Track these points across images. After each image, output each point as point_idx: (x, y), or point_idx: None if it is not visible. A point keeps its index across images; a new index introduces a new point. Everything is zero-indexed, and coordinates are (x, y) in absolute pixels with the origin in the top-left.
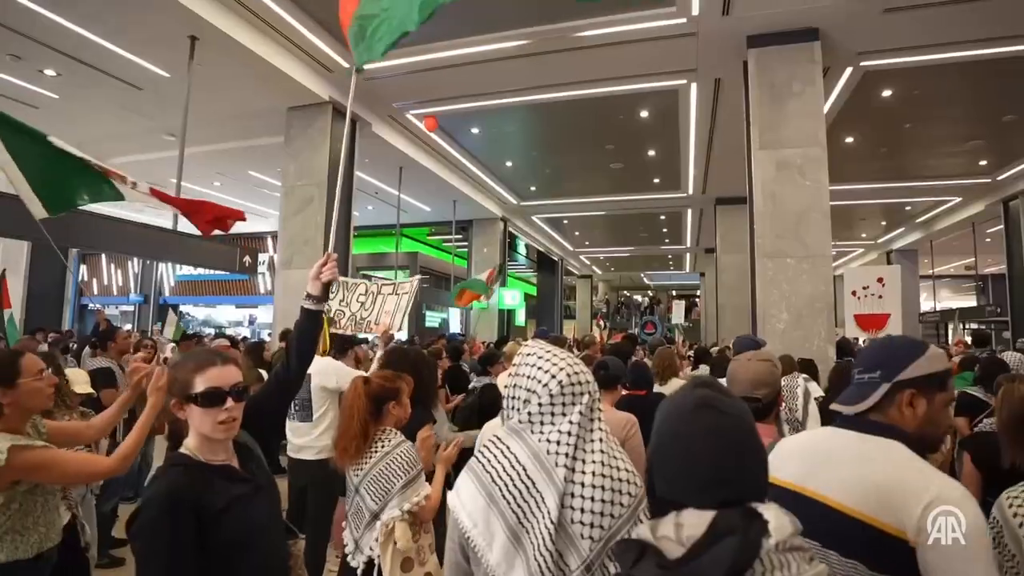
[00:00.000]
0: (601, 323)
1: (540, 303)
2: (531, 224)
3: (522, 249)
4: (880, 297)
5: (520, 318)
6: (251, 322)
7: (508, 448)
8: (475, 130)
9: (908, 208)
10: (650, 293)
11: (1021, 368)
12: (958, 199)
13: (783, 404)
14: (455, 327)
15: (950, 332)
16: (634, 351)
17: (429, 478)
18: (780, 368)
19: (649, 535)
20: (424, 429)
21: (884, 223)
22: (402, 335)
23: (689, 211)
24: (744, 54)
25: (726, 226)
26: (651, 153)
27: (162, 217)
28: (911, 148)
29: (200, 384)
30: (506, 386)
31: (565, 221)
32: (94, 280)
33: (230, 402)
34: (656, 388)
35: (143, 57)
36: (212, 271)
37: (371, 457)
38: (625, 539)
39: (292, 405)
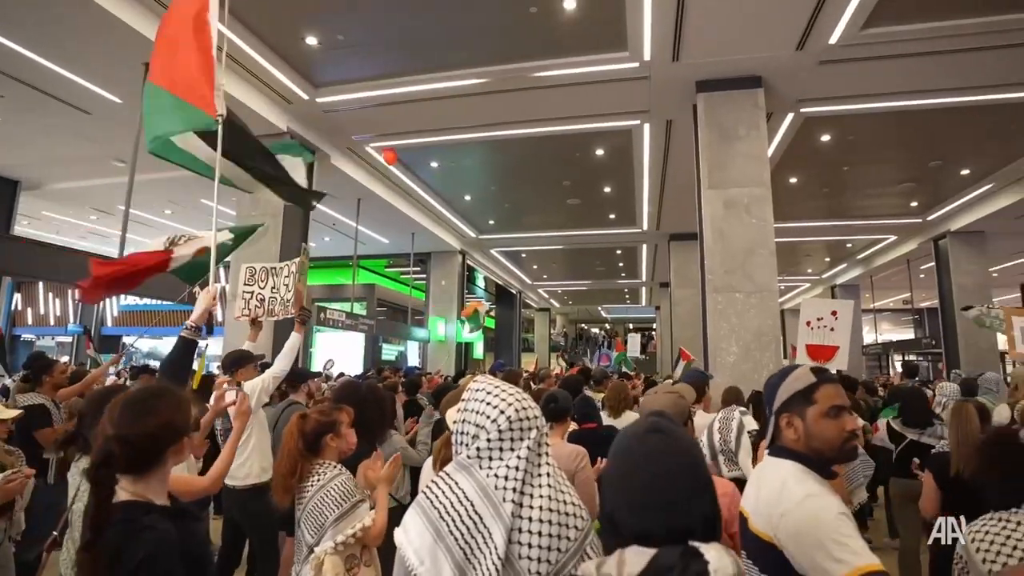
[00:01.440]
0: (564, 357)
1: (498, 336)
2: (489, 257)
3: (481, 282)
4: (832, 329)
5: (478, 351)
6: (199, 354)
7: (456, 483)
8: (434, 164)
9: (849, 245)
10: (607, 326)
11: (953, 397)
12: (894, 237)
13: (719, 436)
14: (413, 360)
15: (891, 363)
16: (586, 384)
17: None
18: (687, 400)
19: (593, 572)
20: (367, 463)
21: (828, 259)
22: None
23: (644, 246)
24: (694, 98)
25: (679, 261)
26: (607, 190)
27: (107, 244)
28: (849, 189)
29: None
30: (455, 421)
31: (523, 255)
32: (28, 309)
33: None
34: (610, 421)
35: (93, 82)
36: (159, 301)
37: (308, 491)
38: None
39: (219, 434)
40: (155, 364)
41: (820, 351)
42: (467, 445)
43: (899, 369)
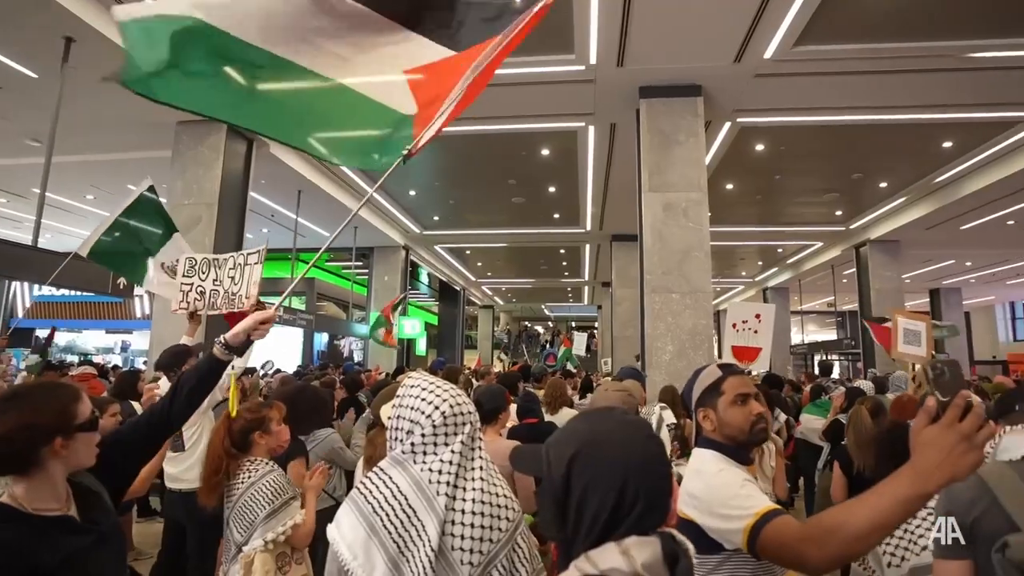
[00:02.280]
0: (504, 355)
1: (441, 333)
2: (434, 253)
3: (424, 278)
4: (756, 332)
5: (421, 348)
6: (124, 349)
7: (390, 478)
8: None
9: (780, 250)
10: (550, 324)
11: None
12: (820, 244)
13: None
14: (359, 356)
15: (815, 362)
16: (525, 381)
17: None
18: (636, 398)
19: (593, 570)
20: (296, 462)
21: (760, 263)
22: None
23: (587, 246)
24: (637, 103)
25: (621, 261)
26: (551, 189)
27: (19, 230)
28: (781, 197)
29: (86, 410)
30: (389, 417)
31: (468, 251)
32: None
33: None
34: (548, 418)
35: (7, 54)
36: (78, 292)
37: (238, 489)
38: None
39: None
40: (72, 359)
41: (744, 352)
42: (401, 440)
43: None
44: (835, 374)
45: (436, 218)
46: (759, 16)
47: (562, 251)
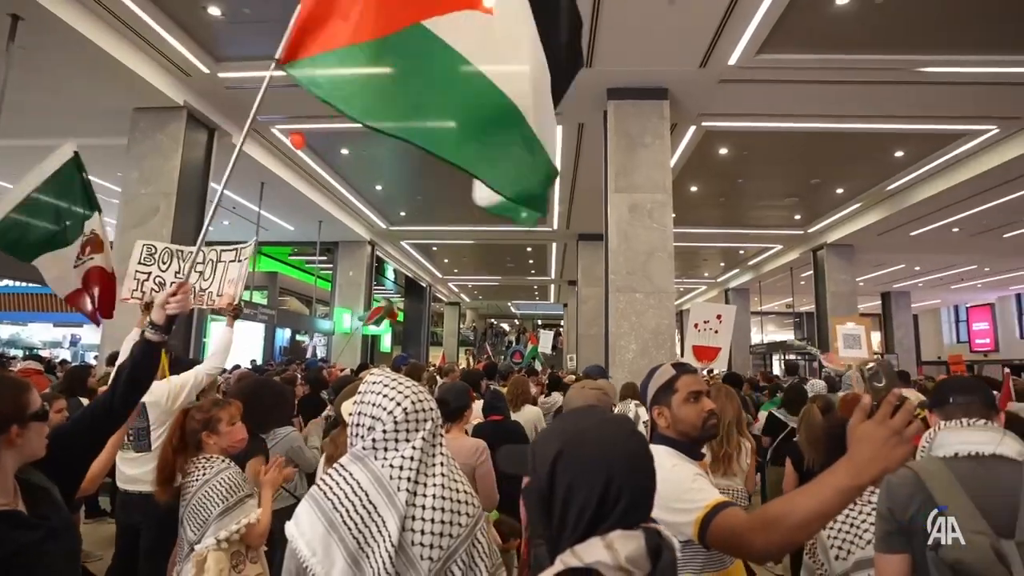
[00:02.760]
0: (473, 353)
1: (407, 329)
2: (400, 249)
3: (390, 274)
4: (716, 332)
5: (386, 344)
6: (73, 343)
7: (351, 474)
8: (345, 151)
9: (741, 252)
10: (516, 322)
11: (821, 392)
12: (780, 247)
13: None
14: (322, 352)
15: (773, 361)
16: (491, 378)
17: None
18: (611, 396)
19: (578, 563)
20: (255, 460)
21: (723, 264)
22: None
23: (554, 245)
24: (604, 104)
25: (587, 260)
26: None
27: None
28: (743, 200)
29: (36, 400)
30: (350, 413)
31: (434, 248)
32: None
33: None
34: (512, 415)
35: None
36: (23, 283)
37: (192, 486)
38: (555, 573)
39: (128, 435)
40: (16, 353)
41: (705, 352)
42: (362, 436)
43: (781, 367)
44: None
45: (403, 213)
46: (724, 24)
47: (529, 249)
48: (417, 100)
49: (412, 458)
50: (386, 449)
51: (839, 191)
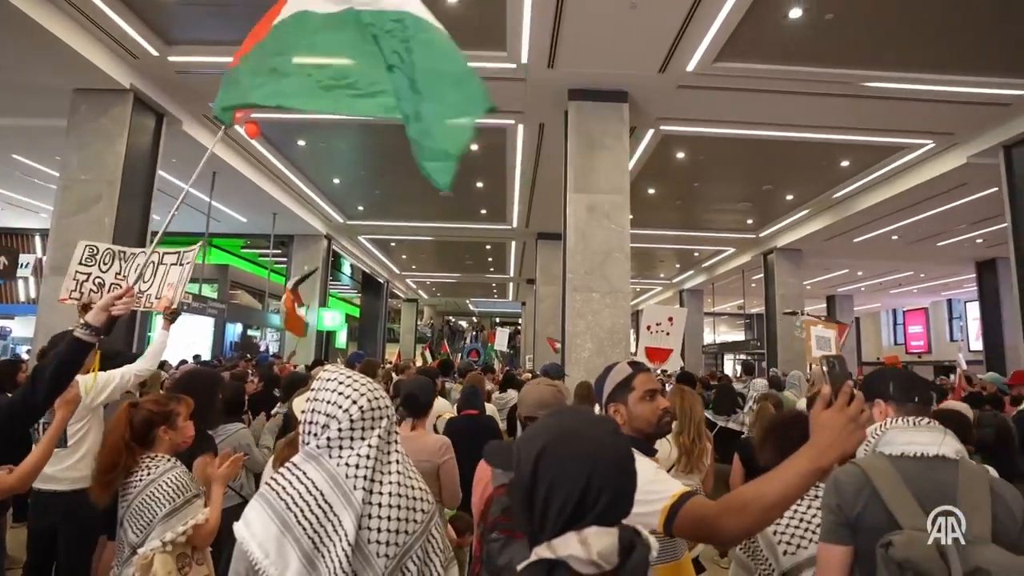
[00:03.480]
0: (428, 351)
1: (363, 325)
2: (357, 244)
3: (347, 269)
4: (668, 334)
5: (341, 340)
6: (3, 336)
7: (304, 474)
8: (301, 142)
9: (696, 254)
10: (475, 319)
11: (763, 391)
12: (732, 249)
13: None
14: (274, 348)
15: (724, 361)
16: (446, 376)
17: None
18: (565, 394)
19: (552, 555)
20: (203, 458)
21: (678, 265)
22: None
23: (513, 243)
24: (566, 105)
25: (545, 259)
26: (479, 185)
27: None
28: (698, 203)
29: None
30: (303, 411)
31: (392, 243)
32: None
33: None
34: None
35: None
36: None
37: (135, 486)
38: (530, 563)
39: (38, 427)
40: None
41: (657, 353)
42: (316, 435)
43: (734, 366)
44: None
45: (360, 208)
46: (683, 31)
47: (488, 247)
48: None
49: (368, 456)
50: (341, 448)
51: (789, 197)
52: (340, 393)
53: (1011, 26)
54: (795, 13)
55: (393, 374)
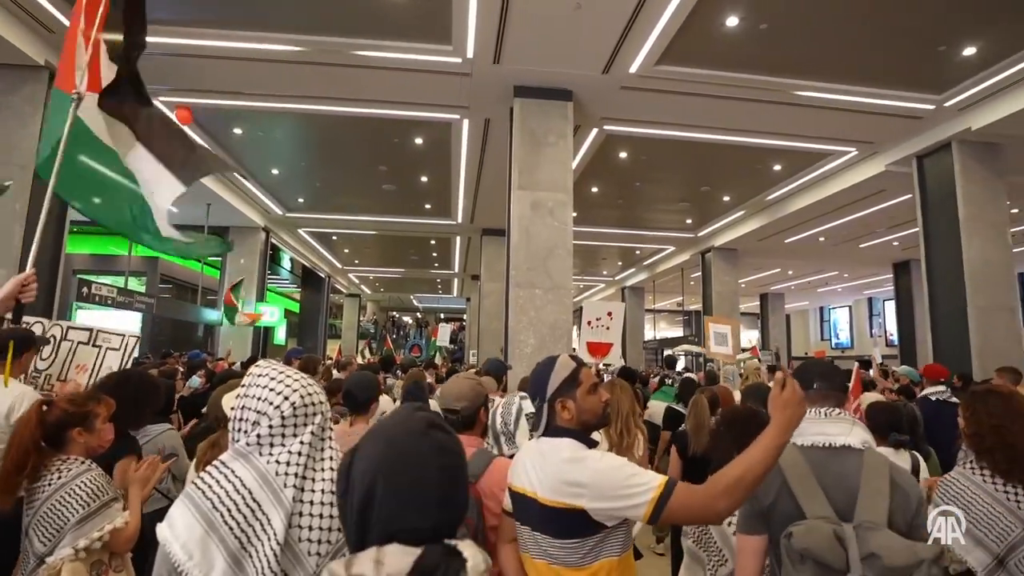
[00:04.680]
0: (371, 346)
1: (303, 321)
2: (297, 237)
3: (286, 263)
4: (608, 328)
5: (280, 336)
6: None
7: (232, 472)
8: (238, 131)
9: (638, 252)
10: (419, 315)
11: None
12: (672, 248)
13: (501, 419)
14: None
15: (662, 356)
16: (387, 371)
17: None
18: (485, 388)
19: (343, 573)
20: (125, 460)
21: (620, 263)
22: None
23: (458, 238)
24: (511, 101)
25: (490, 255)
26: (424, 179)
27: None
28: (640, 202)
29: None
30: (232, 408)
31: (334, 237)
32: None
33: None
34: None
35: None
36: None
37: (43, 491)
38: None
39: None
40: None
41: (598, 347)
42: (246, 432)
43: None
44: (680, 366)
45: (301, 200)
46: (626, 33)
47: (433, 242)
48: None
49: (300, 453)
50: (272, 445)
51: (726, 199)
52: (271, 389)
53: (925, 46)
54: (732, 21)
55: (334, 370)
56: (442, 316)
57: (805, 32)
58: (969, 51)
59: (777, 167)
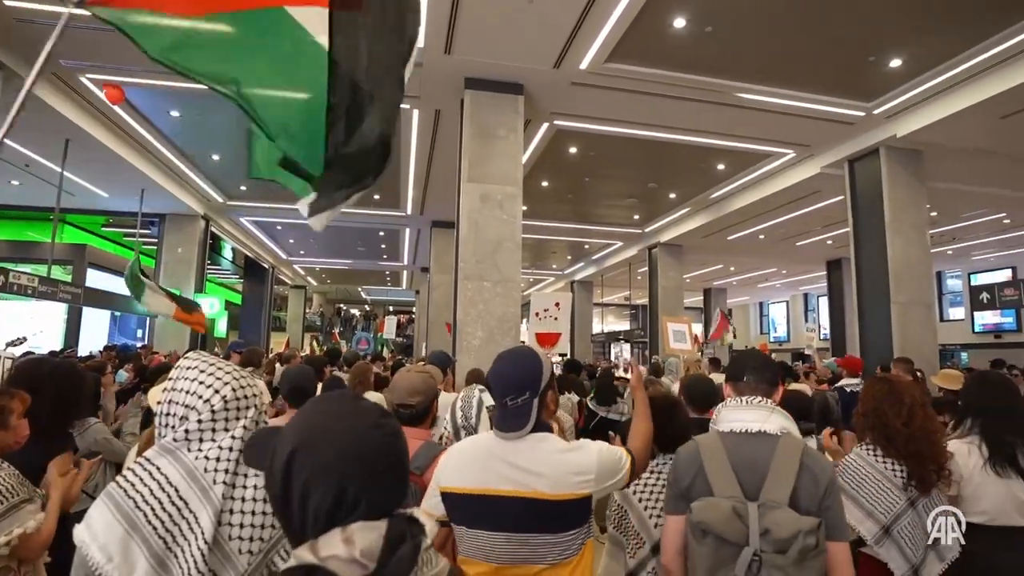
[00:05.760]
0: (318, 338)
1: (245, 313)
2: (239, 227)
3: (228, 253)
4: (556, 319)
5: (221, 329)
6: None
7: (158, 469)
8: (175, 113)
9: (587, 247)
10: (367, 308)
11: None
12: (620, 243)
13: (461, 413)
14: (146, 336)
15: (612, 349)
16: (334, 365)
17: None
18: (436, 380)
19: (312, 558)
20: (60, 459)
21: (569, 257)
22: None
23: (407, 230)
24: (462, 92)
25: (439, 247)
26: None
27: None
28: (589, 198)
29: None
30: (159, 402)
31: (279, 227)
32: None
33: None
34: None
35: None
36: None
37: None
38: (287, 569)
39: None
40: None
41: (547, 338)
42: (173, 427)
43: (620, 354)
44: (625, 357)
45: (243, 188)
46: (577, 29)
47: (382, 233)
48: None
49: (231, 448)
50: (201, 440)
51: (672, 196)
52: (201, 382)
53: (856, 56)
54: (679, 23)
55: (278, 364)
56: (391, 308)
57: (748, 37)
58: (895, 63)
59: (721, 166)
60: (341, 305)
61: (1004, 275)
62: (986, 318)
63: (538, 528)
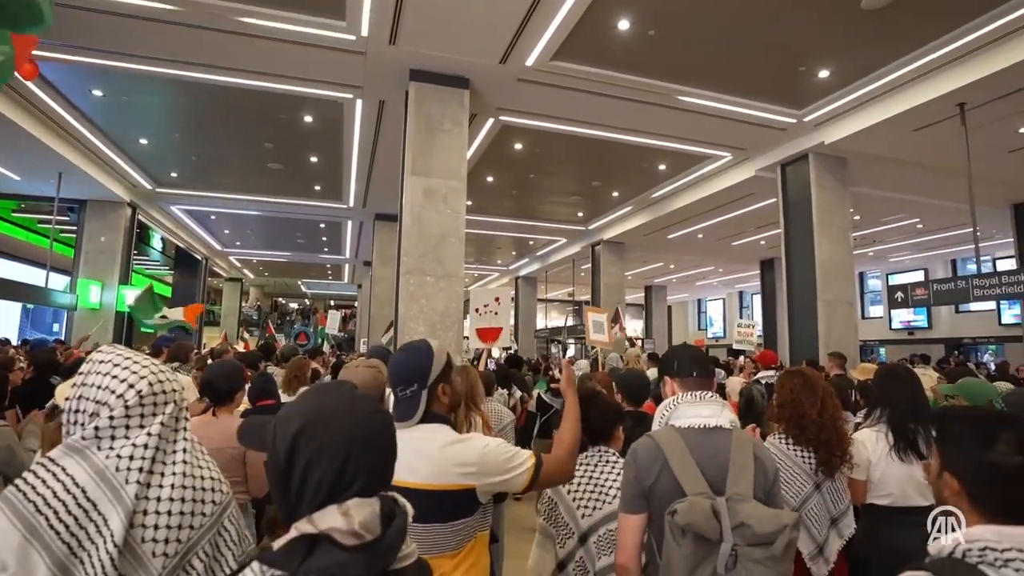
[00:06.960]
0: (249, 331)
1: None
2: (169, 215)
3: (157, 243)
4: (496, 314)
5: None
6: None
7: (64, 469)
8: (98, 92)
9: (531, 243)
10: (307, 302)
11: (586, 371)
12: (564, 240)
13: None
14: (63, 330)
15: (557, 346)
16: (268, 360)
17: None
18: (384, 374)
19: (312, 529)
20: None
21: (514, 253)
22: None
23: (350, 223)
24: (407, 84)
25: (382, 241)
26: (313, 159)
27: None
28: (533, 194)
29: None
30: (68, 398)
31: (213, 217)
32: None
33: None
34: (286, 398)
35: None
36: None
37: None
38: (290, 539)
39: None
40: None
41: (488, 333)
42: (83, 425)
43: (560, 350)
44: (570, 354)
45: (174, 174)
46: (524, 25)
47: (323, 226)
48: None
49: (146, 446)
50: (113, 438)
51: (615, 194)
52: (114, 376)
53: (788, 65)
54: (624, 25)
55: (209, 359)
56: (332, 303)
57: (689, 42)
58: (824, 73)
59: (662, 166)
60: (279, 299)
61: (918, 276)
62: (902, 316)
63: (430, 517)
